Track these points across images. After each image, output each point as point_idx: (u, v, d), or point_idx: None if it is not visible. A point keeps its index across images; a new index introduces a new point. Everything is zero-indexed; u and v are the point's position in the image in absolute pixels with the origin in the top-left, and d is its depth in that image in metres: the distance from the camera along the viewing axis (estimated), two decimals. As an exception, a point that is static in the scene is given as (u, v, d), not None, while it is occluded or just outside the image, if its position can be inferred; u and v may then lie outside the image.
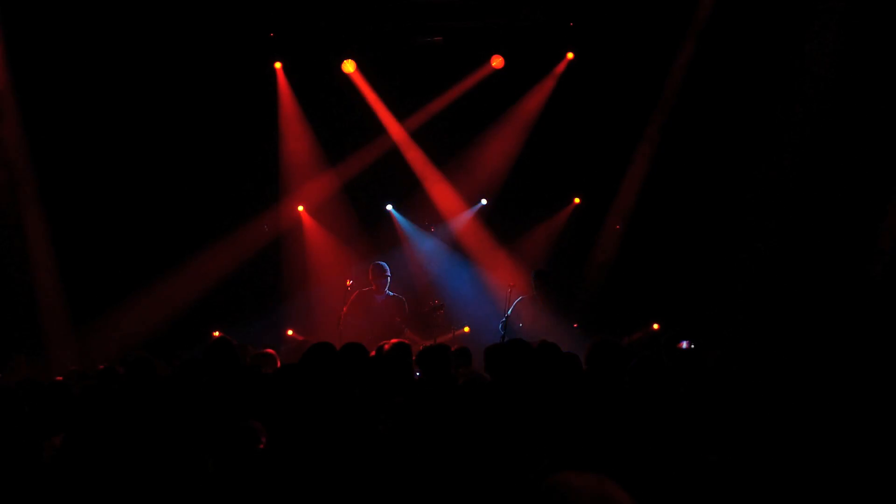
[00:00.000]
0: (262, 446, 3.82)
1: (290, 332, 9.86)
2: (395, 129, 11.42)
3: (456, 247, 11.52)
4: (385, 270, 9.52)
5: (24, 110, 9.98)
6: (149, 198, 10.75)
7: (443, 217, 11.58)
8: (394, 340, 5.61)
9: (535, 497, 2.00)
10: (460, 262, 11.36)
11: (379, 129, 11.39)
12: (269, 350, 6.65)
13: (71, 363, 8.68)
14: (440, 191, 11.53)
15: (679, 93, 10.67)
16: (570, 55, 11.22)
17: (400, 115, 11.39)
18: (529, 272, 9.94)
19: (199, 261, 10.78)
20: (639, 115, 10.96)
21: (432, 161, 11.48)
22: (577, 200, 11.50)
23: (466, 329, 9.87)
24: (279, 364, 6.34)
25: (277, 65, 11.22)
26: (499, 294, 10.18)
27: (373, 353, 5.93)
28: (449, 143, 11.40)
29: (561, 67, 11.28)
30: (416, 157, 11.46)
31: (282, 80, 11.27)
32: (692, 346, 7.53)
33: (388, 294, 9.51)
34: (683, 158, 10.69)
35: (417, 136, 11.42)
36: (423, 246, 11.50)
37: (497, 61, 11.11)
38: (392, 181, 11.49)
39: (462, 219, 11.58)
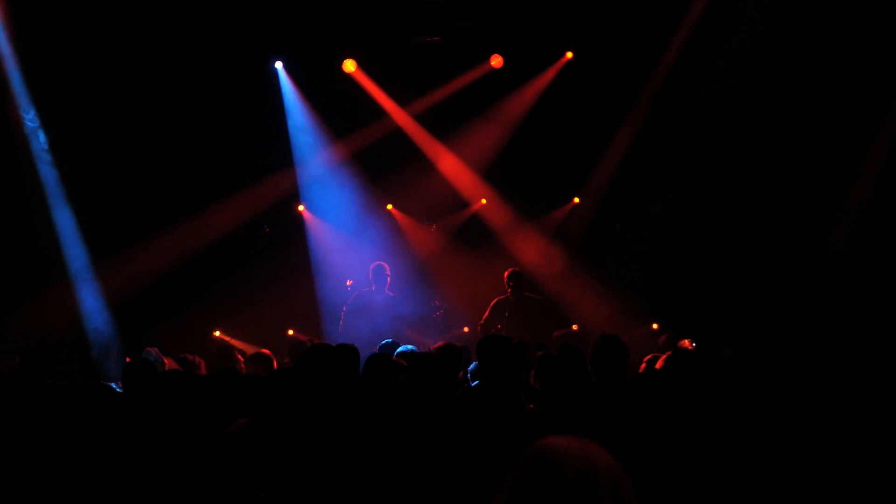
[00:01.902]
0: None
1: (290, 332, 9.85)
2: (394, 126, 11.42)
3: (457, 244, 11.51)
4: (385, 270, 9.52)
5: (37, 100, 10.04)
6: (149, 198, 10.75)
7: (444, 212, 11.61)
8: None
9: (522, 460, 2.04)
10: (461, 260, 11.34)
11: (378, 126, 11.39)
12: (265, 351, 6.62)
13: None
14: (440, 186, 11.53)
15: (677, 87, 10.67)
16: (569, 54, 11.20)
17: (399, 112, 11.39)
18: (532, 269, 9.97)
19: (200, 259, 10.80)
20: (636, 109, 10.98)
21: (434, 156, 11.48)
22: (576, 200, 11.48)
23: (466, 329, 9.86)
24: (275, 365, 6.32)
25: (278, 64, 11.22)
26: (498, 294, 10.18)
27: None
28: (446, 139, 11.41)
29: (559, 66, 11.27)
30: (416, 151, 11.47)
31: (283, 78, 11.28)
32: (693, 344, 7.50)
33: (389, 294, 9.50)
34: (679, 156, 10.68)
35: (416, 132, 11.42)
36: (425, 244, 11.51)
37: (496, 61, 11.11)
38: (394, 177, 11.49)
39: (463, 215, 11.61)
